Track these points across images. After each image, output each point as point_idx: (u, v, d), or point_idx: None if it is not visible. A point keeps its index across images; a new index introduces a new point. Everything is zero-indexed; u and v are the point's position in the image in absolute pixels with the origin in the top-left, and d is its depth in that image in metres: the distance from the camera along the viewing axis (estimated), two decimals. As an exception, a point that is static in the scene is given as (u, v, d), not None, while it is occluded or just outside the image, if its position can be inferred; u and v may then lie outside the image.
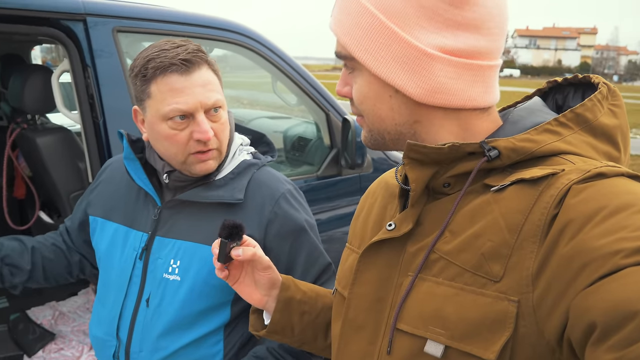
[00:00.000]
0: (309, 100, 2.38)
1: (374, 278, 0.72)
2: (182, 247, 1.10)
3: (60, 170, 2.12)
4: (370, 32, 0.65)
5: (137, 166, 1.15)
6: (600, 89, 0.67)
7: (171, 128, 1.04)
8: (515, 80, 65.88)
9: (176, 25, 1.95)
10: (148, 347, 1.10)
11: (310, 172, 2.40)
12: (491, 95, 0.68)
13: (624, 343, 0.46)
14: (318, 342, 0.94)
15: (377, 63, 0.65)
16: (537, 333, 0.55)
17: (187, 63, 1.02)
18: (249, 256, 0.84)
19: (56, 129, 2.23)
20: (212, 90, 1.05)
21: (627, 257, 0.49)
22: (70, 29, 1.72)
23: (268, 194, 1.15)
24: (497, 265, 0.58)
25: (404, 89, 0.65)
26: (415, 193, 0.67)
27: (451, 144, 0.63)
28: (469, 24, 0.63)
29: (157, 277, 1.11)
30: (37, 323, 2.49)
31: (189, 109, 1.03)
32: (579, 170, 0.58)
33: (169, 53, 1.02)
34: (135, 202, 1.19)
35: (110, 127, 1.76)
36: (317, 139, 2.56)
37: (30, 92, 2.05)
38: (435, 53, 0.63)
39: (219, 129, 1.08)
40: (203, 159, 1.08)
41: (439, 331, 0.61)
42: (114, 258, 1.16)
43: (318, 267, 1.18)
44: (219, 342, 1.13)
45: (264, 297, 0.90)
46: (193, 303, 1.09)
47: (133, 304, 1.12)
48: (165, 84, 1.02)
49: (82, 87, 1.76)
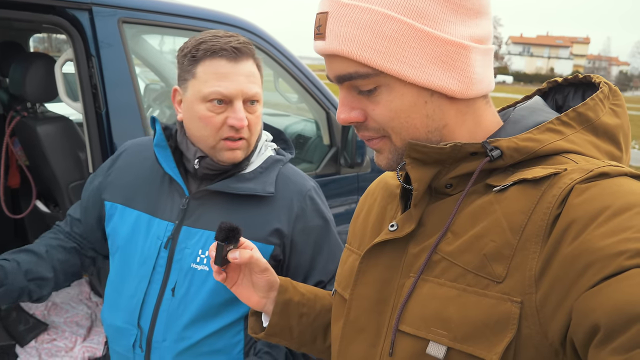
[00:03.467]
0: (310, 98, 2.38)
1: (375, 279, 0.71)
2: (210, 238, 1.11)
3: (60, 160, 2.11)
4: (399, 39, 0.61)
5: (167, 154, 1.15)
6: (601, 89, 0.66)
7: (209, 110, 1.07)
8: (508, 86, 66.26)
9: (182, 18, 1.95)
10: (172, 336, 1.10)
11: (309, 170, 2.40)
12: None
13: (628, 346, 0.46)
14: (317, 344, 0.94)
15: (414, 69, 0.61)
16: (540, 334, 0.54)
17: (237, 52, 1.06)
18: (246, 259, 0.83)
19: (57, 118, 2.21)
20: (254, 83, 1.09)
21: (632, 258, 0.48)
22: (75, 17, 1.72)
23: (295, 189, 1.19)
24: (500, 266, 0.58)
25: (445, 87, 0.63)
26: (418, 193, 0.66)
27: (453, 143, 0.63)
28: (481, 10, 0.64)
29: (184, 267, 1.11)
30: (30, 313, 2.47)
31: (230, 94, 1.06)
32: (581, 169, 0.58)
33: (222, 40, 1.06)
34: (159, 190, 1.17)
35: (113, 118, 1.76)
36: (317, 137, 2.56)
37: (32, 80, 2.03)
38: (470, 44, 0.63)
39: (253, 121, 1.11)
40: (232, 146, 1.10)
41: (441, 332, 0.60)
42: (135, 246, 1.15)
43: (338, 263, 1.20)
44: (239, 332, 1.15)
45: (262, 299, 0.89)
46: (219, 293, 1.10)
47: (157, 293, 1.12)
48: (212, 67, 1.06)
49: (86, 77, 1.75)
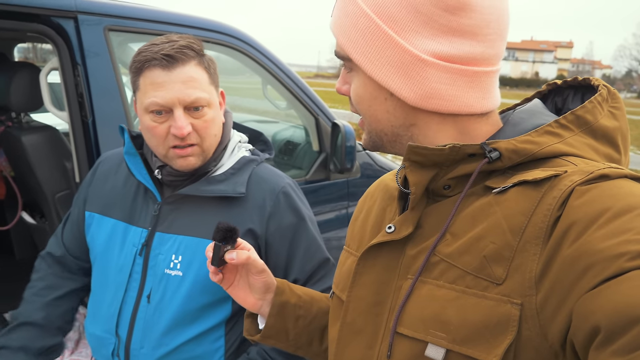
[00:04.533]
0: (298, 104, 2.38)
1: (372, 281, 0.71)
2: (183, 242, 1.09)
3: (46, 170, 2.08)
4: (366, 34, 0.65)
5: (137, 161, 1.14)
6: (600, 91, 0.66)
7: (152, 120, 1.05)
8: (494, 91, 66.93)
9: (168, 25, 1.93)
10: (150, 343, 1.08)
11: (298, 176, 2.40)
12: (489, 101, 0.67)
13: (629, 348, 0.45)
14: (313, 347, 0.93)
15: (372, 66, 0.65)
16: (540, 336, 0.54)
17: (169, 58, 1.01)
18: (243, 259, 0.82)
19: (42, 128, 2.18)
20: (194, 88, 1.04)
21: (632, 260, 0.48)
22: (60, 26, 1.70)
23: (268, 188, 1.16)
24: (500, 267, 0.57)
25: (398, 93, 0.65)
26: (416, 196, 0.66)
27: (452, 145, 0.63)
28: (464, 30, 0.63)
29: (158, 273, 1.10)
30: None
31: (166, 104, 1.03)
32: (581, 171, 0.57)
33: (156, 47, 1.02)
34: (135, 198, 1.17)
35: (99, 127, 1.73)
36: (306, 143, 2.56)
37: (16, 90, 2.00)
38: (429, 59, 0.63)
39: (201, 126, 1.07)
40: (181, 154, 1.07)
41: (440, 335, 0.60)
42: (112, 255, 1.15)
43: (316, 261, 1.19)
44: (220, 338, 1.13)
45: (259, 301, 0.89)
46: (195, 298, 1.09)
47: (133, 301, 1.11)
48: (149, 77, 1.03)
49: (72, 86, 1.73)
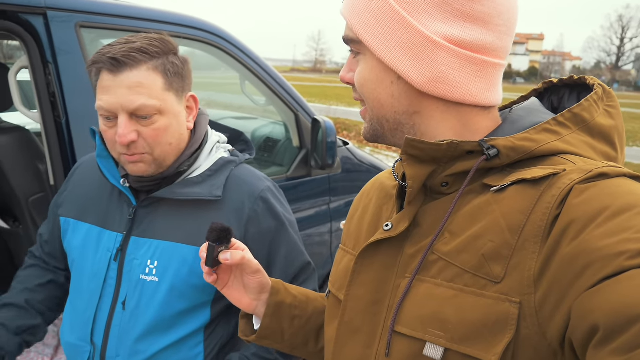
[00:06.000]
0: (278, 100, 2.35)
1: (370, 280, 0.70)
2: (159, 247, 1.06)
3: (18, 173, 2.00)
4: (378, 15, 0.64)
5: (110, 164, 1.10)
6: (595, 90, 0.67)
7: (104, 125, 1.02)
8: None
9: (142, 22, 1.88)
10: (125, 351, 1.05)
11: (279, 173, 2.37)
12: (493, 94, 0.67)
13: (628, 346, 0.45)
14: (309, 347, 0.92)
15: (382, 47, 0.65)
16: (539, 335, 0.54)
17: (115, 62, 0.97)
18: (238, 260, 0.81)
19: (13, 129, 2.11)
20: (140, 94, 0.97)
21: (631, 258, 0.48)
22: (29, 22, 1.63)
23: (247, 191, 1.12)
24: (498, 266, 0.57)
25: (406, 75, 0.65)
26: (413, 190, 0.66)
27: (450, 141, 0.62)
28: (477, 16, 0.63)
29: (133, 279, 1.06)
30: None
31: (110, 109, 0.98)
32: (580, 170, 0.57)
33: (107, 49, 0.98)
34: (109, 201, 1.13)
35: (73, 127, 1.68)
36: (286, 139, 2.53)
37: None
38: (440, 41, 0.63)
39: (149, 134, 1.01)
40: (131, 160, 1.03)
41: (438, 333, 0.59)
42: (86, 260, 1.11)
43: (297, 266, 1.17)
44: (199, 344, 1.10)
45: (254, 301, 0.87)
46: (172, 304, 1.06)
47: (108, 307, 1.07)
48: (100, 80, 1.00)
49: (43, 85, 1.67)
